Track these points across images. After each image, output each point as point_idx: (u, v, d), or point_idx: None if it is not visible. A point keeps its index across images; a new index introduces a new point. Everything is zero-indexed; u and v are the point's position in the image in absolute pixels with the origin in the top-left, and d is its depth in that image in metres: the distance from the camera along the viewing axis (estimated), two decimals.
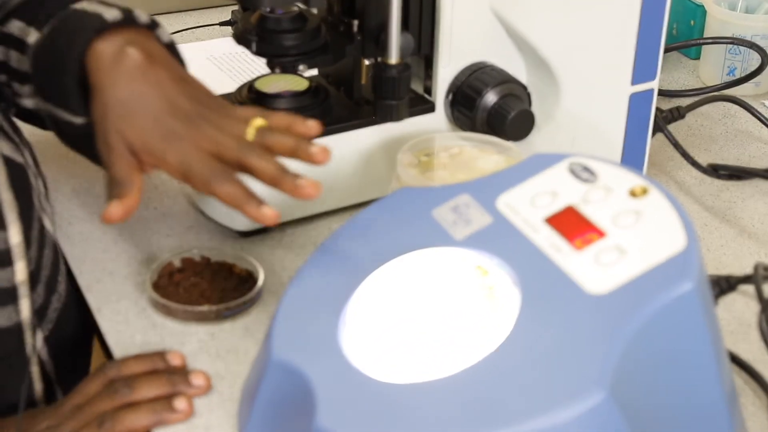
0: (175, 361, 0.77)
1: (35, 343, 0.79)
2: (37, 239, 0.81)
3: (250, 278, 0.87)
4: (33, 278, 0.80)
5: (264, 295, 0.86)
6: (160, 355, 0.77)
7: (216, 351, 0.80)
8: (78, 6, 0.82)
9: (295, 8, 0.89)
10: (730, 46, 1.22)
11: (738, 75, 1.22)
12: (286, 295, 0.72)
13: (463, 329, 0.66)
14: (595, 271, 0.65)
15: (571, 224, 0.68)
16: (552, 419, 0.58)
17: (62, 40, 0.79)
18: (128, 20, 0.79)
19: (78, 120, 0.79)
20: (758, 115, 1.13)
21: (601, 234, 0.67)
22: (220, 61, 0.83)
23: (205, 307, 0.83)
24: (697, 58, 1.30)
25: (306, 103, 0.92)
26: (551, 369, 0.61)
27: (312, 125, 0.80)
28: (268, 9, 0.88)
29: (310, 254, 0.75)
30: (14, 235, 0.76)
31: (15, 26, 0.85)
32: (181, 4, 1.39)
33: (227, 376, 0.77)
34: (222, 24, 1.31)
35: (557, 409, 0.58)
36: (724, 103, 1.18)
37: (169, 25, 1.27)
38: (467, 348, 0.64)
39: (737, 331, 0.84)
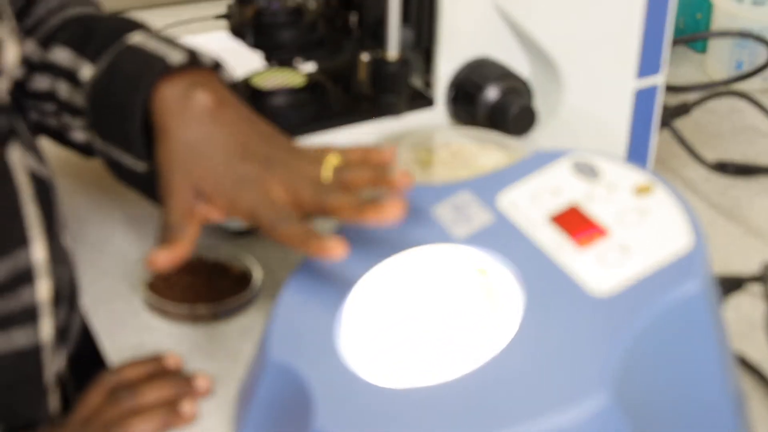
0: (171, 362, 0.77)
1: (56, 362, 0.78)
2: (60, 256, 0.80)
3: (245, 278, 0.87)
4: (56, 296, 0.79)
5: (260, 295, 0.86)
6: (157, 358, 0.77)
7: (212, 352, 0.80)
8: (135, 41, 0.81)
9: (292, 1, 0.89)
10: (737, 39, 1.22)
11: (745, 69, 1.22)
12: (283, 295, 0.72)
13: (464, 331, 0.67)
14: (599, 270, 0.65)
15: (574, 222, 0.69)
16: (555, 421, 0.59)
17: (123, 83, 0.79)
18: (192, 62, 0.79)
19: (141, 166, 0.79)
20: (767, 110, 1.12)
21: (605, 233, 0.67)
22: (215, 55, 0.83)
23: (200, 308, 0.83)
24: (704, 51, 1.31)
25: (303, 99, 0.92)
26: (555, 371, 0.61)
27: (387, 152, 0.78)
28: (264, 2, 0.88)
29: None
30: (38, 252, 0.75)
31: (61, 55, 0.84)
32: None
33: (223, 378, 0.77)
34: (217, 17, 1.30)
35: (560, 411, 0.59)
36: (732, 98, 1.18)
37: (163, 18, 1.27)
38: (468, 350, 0.65)
39: (744, 332, 0.83)
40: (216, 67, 0.81)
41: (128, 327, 0.83)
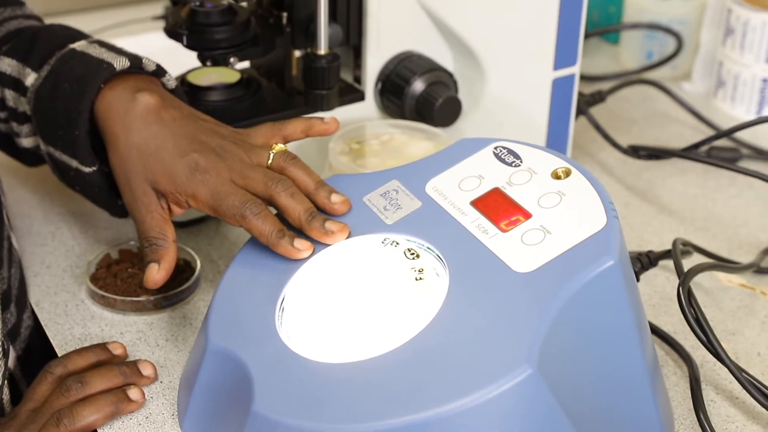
0: (116, 350, 0.77)
1: (7, 363, 0.78)
2: (7, 258, 0.80)
3: (187, 268, 0.87)
4: (5, 298, 0.78)
5: (202, 284, 0.87)
6: (102, 346, 0.77)
7: (155, 340, 0.81)
8: (78, 47, 0.81)
9: (225, 2, 0.89)
10: (647, 31, 1.25)
11: (656, 59, 1.25)
12: (222, 282, 0.73)
13: (395, 311, 0.68)
14: (521, 250, 0.66)
15: (498, 206, 0.70)
16: (480, 395, 0.60)
17: (67, 88, 0.78)
18: (135, 68, 0.79)
19: (88, 169, 0.79)
20: (676, 97, 1.16)
21: (526, 215, 0.69)
22: (153, 56, 0.83)
23: (143, 298, 0.83)
24: (617, 42, 1.33)
25: (238, 94, 0.92)
26: (479, 346, 0.62)
27: (331, 123, 0.80)
28: (197, 2, 0.88)
29: (245, 242, 0.76)
30: None
31: (5, 63, 0.84)
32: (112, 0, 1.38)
33: (166, 365, 0.78)
34: (155, 18, 1.30)
35: (485, 385, 0.60)
36: (644, 86, 1.21)
37: (101, 20, 1.25)
38: (399, 328, 0.66)
39: (659, 304, 0.86)
40: (159, 73, 0.81)
41: (73, 318, 0.83)
